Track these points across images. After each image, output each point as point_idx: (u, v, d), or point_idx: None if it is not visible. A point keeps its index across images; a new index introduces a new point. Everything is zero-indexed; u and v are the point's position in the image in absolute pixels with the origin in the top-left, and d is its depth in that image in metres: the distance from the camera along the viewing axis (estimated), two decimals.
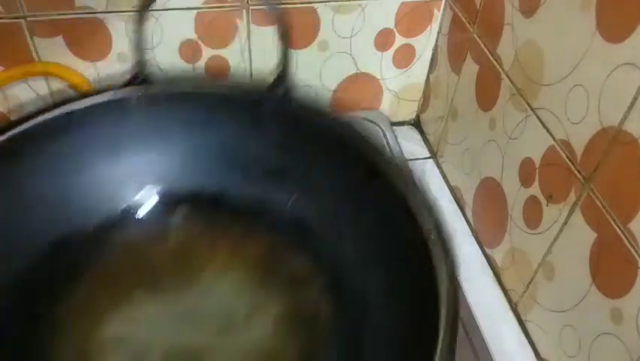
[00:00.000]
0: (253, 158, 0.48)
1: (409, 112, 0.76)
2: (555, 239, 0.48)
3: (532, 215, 0.51)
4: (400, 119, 0.76)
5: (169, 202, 0.49)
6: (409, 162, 0.69)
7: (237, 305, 0.44)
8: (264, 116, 0.47)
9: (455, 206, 0.65)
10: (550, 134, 0.47)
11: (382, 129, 0.71)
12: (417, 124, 0.76)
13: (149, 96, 0.47)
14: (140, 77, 0.49)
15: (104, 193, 0.48)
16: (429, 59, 0.72)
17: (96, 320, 0.43)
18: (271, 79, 0.48)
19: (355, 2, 0.64)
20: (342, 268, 0.45)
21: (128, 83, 0.49)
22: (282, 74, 0.47)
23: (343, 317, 0.43)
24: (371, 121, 0.71)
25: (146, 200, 0.49)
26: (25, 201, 0.44)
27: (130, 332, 0.42)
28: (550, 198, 0.48)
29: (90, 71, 0.62)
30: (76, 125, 0.46)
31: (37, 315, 0.42)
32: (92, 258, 0.46)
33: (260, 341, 0.42)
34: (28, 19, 0.57)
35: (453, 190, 0.67)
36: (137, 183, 0.49)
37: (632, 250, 0.39)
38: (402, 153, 0.69)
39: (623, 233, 0.40)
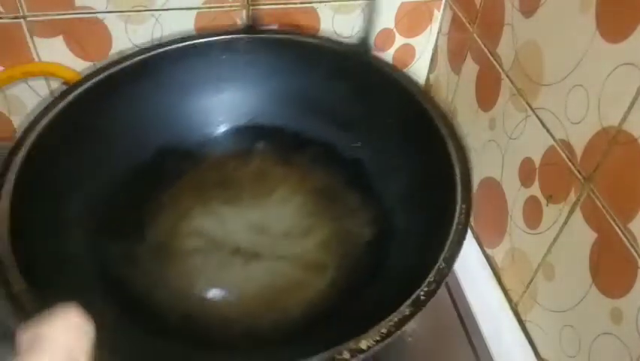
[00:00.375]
0: (330, 106, 0.58)
1: None
2: (555, 239, 0.48)
3: (532, 215, 0.51)
4: None
5: (255, 132, 0.60)
6: None
7: (297, 222, 0.54)
8: (346, 70, 0.56)
9: None
10: (550, 135, 0.47)
11: None
12: None
13: (251, 41, 0.58)
14: (246, 26, 0.60)
15: (205, 116, 0.59)
16: (429, 59, 0.72)
17: (184, 213, 0.54)
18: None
19: (355, 2, 0.64)
20: (385, 205, 0.53)
21: (239, 31, 0.60)
22: (365, 36, 0.57)
23: (378, 242, 0.52)
24: None
25: (237, 128, 0.60)
26: (147, 113, 0.55)
27: (209, 228, 0.53)
28: (550, 198, 0.48)
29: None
30: (194, 57, 0.57)
31: (146, 197, 0.54)
32: (189, 164, 0.57)
33: (309, 251, 0.52)
34: (28, 19, 0.57)
35: None
36: (232, 113, 0.59)
37: (632, 250, 0.39)
38: None
39: (623, 233, 0.40)
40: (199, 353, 0.43)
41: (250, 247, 0.52)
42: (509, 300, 0.56)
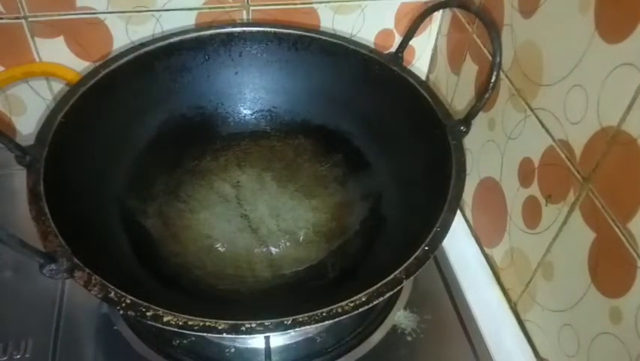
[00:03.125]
0: (352, 103, 0.62)
1: None
2: (554, 239, 0.48)
3: (532, 215, 0.51)
4: None
5: (287, 121, 0.65)
6: None
7: (310, 195, 0.60)
8: (373, 72, 0.60)
9: None
10: (550, 135, 0.48)
11: None
12: None
13: (286, 36, 0.61)
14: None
15: (233, 94, 0.65)
16: (428, 59, 0.72)
17: (214, 175, 0.61)
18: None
19: (355, 2, 0.64)
20: (383, 201, 0.58)
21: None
22: (402, 45, 0.60)
23: (371, 233, 0.56)
24: None
25: (266, 114, 0.66)
26: (188, 88, 0.62)
27: (235, 191, 0.60)
28: (549, 198, 0.48)
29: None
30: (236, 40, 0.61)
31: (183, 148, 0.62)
32: (221, 137, 0.64)
33: (319, 217, 0.59)
34: (29, 19, 0.57)
35: None
36: (260, 101, 0.65)
37: (631, 250, 0.39)
38: None
39: (622, 233, 0.40)
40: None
41: (272, 202, 0.60)
42: (508, 299, 0.56)
